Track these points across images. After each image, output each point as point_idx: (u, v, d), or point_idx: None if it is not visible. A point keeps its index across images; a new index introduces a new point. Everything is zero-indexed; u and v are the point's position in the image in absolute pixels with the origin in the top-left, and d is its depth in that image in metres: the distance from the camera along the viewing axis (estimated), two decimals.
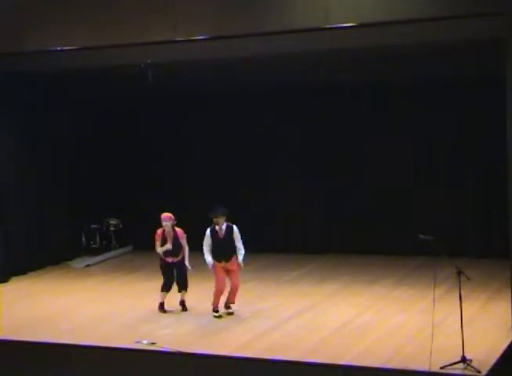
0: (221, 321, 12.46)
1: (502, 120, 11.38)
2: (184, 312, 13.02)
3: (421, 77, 15.61)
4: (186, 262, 12.89)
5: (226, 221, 12.63)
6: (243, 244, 12.68)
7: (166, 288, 13.03)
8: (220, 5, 12.32)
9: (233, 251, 12.56)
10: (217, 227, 12.56)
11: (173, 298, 13.14)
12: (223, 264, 12.54)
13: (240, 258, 12.54)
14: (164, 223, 12.96)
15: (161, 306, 13.05)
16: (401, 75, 15.55)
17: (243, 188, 17.60)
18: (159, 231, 13.05)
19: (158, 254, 13.01)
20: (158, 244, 13.00)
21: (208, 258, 12.50)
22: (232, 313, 12.72)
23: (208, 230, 12.60)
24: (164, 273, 13.07)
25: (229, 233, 12.55)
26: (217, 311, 12.64)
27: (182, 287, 13.02)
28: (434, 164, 16.43)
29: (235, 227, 12.60)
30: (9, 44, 13.60)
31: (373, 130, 16.73)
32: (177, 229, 13.03)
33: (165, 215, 13.00)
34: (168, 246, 12.88)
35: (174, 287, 13.09)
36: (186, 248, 12.95)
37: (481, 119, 15.78)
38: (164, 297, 13.07)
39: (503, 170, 11.59)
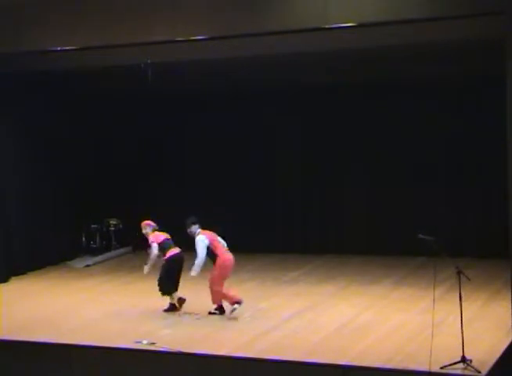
0: (221, 321, 12.46)
1: (502, 119, 11.38)
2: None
3: (421, 77, 15.60)
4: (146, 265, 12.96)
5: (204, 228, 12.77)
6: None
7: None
8: (220, 5, 12.33)
9: (210, 257, 12.61)
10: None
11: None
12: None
13: (194, 268, 12.50)
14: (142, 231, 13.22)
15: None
16: (401, 75, 15.56)
17: (243, 188, 17.60)
18: None
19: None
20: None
21: None
22: (212, 313, 12.75)
23: None
24: None
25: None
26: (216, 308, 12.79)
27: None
28: (434, 164, 16.42)
29: (196, 237, 12.62)
30: (9, 44, 13.60)
31: (373, 130, 16.73)
32: (151, 234, 13.02)
33: (143, 223, 13.24)
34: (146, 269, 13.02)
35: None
36: (152, 254, 12.89)
37: (481, 119, 15.77)
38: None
39: (503, 170, 11.59)
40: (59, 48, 13.43)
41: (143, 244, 13.15)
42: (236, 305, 12.49)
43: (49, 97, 16.88)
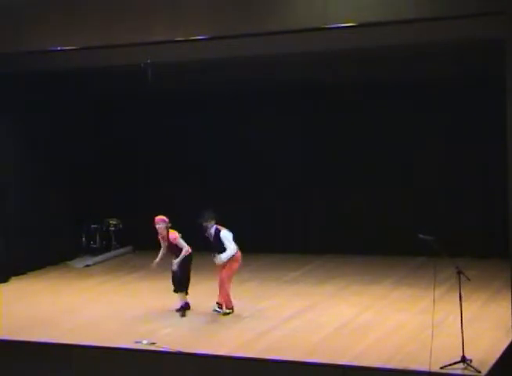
0: (222, 321, 12.47)
1: (502, 120, 11.38)
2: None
3: (421, 77, 15.59)
4: (176, 260, 12.74)
5: (217, 223, 12.76)
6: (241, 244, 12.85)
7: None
8: (220, 5, 12.35)
9: (219, 252, 12.62)
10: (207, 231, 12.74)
11: (172, 298, 13.14)
12: None
13: (222, 255, 12.51)
14: (156, 226, 12.90)
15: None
16: (401, 75, 15.56)
17: (243, 188, 17.59)
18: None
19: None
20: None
21: None
22: (220, 313, 12.72)
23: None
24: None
25: (217, 237, 12.65)
26: (219, 306, 12.75)
27: (176, 288, 12.97)
28: (434, 164, 16.41)
29: (221, 232, 12.65)
30: (9, 44, 13.62)
31: (372, 130, 16.71)
32: (170, 231, 12.86)
33: (157, 218, 12.91)
34: (157, 260, 12.92)
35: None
36: (184, 249, 12.76)
37: (481, 119, 15.76)
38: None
39: (503, 170, 11.59)
40: (59, 48, 13.45)
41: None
42: (228, 311, 12.56)
43: (49, 97, 16.88)
